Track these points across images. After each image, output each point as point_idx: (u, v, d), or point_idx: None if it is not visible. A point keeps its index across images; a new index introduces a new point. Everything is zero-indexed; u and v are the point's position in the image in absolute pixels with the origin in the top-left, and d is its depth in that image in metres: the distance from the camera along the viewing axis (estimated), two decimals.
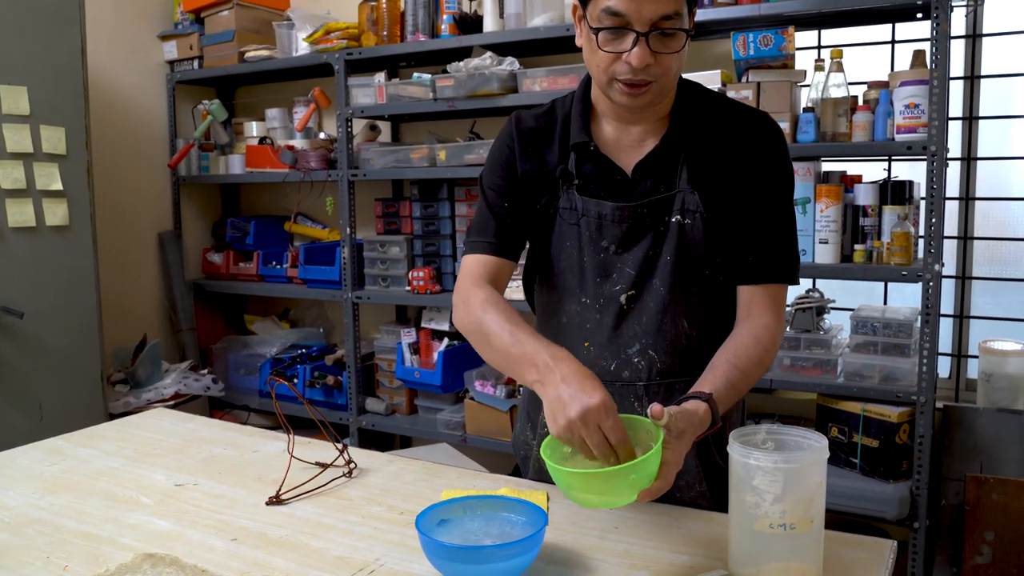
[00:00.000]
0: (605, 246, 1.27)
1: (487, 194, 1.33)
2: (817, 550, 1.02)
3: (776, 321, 1.24)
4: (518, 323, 1.15)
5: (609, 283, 1.27)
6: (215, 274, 3.61)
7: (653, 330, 1.26)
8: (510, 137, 1.32)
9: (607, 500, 1.00)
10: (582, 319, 1.30)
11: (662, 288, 1.25)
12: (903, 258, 2.18)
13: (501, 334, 1.14)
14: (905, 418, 2.20)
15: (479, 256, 1.30)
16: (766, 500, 0.99)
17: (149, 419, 1.81)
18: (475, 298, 1.22)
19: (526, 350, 1.09)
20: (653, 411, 0.99)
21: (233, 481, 1.41)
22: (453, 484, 1.38)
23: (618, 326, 1.28)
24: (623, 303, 1.27)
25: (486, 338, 1.17)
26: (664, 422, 1.00)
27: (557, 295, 1.33)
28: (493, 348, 1.16)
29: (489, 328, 1.16)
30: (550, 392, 1.02)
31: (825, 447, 1.03)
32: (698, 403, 1.07)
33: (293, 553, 1.13)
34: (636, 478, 0.96)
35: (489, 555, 1.00)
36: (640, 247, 1.25)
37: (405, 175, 2.99)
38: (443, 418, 2.96)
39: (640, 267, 1.25)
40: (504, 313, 1.17)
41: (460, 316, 1.25)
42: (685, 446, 1.02)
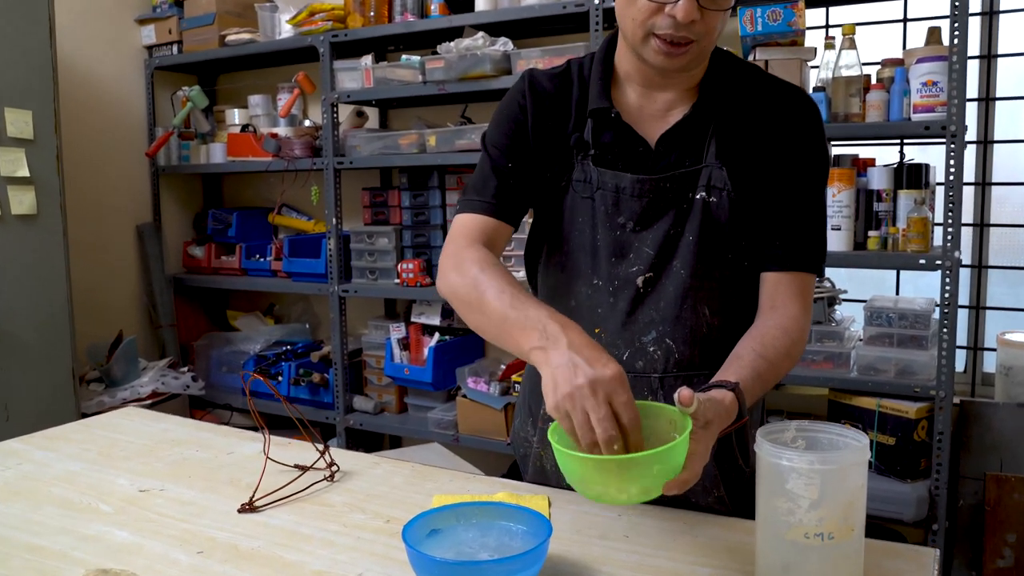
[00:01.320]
0: (622, 223, 1.16)
1: (490, 151, 1.21)
2: (857, 562, 0.91)
3: (803, 312, 1.13)
4: (519, 288, 1.02)
5: (625, 264, 1.16)
6: (196, 268, 3.48)
7: (671, 317, 1.15)
8: (522, 95, 1.20)
9: (626, 494, 0.86)
10: (593, 303, 1.19)
11: (683, 271, 1.14)
12: (920, 245, 2.07)
13: (500, 296, 1.00)
14: (923, 414, 2.09)
15: (475, 215, 1.17)
16: (801, 506, 0.88)
17: (117, 419, 1.68)
18: (470, 257, 1.09)
19: (528, 314, 0.95)
20: (682, 395, 0.87)
21: (203, 486, 1.29)
22: (445, 488, 1.26)
23: (633, 311, 1.16)
24: (639, 286, 1.16)
25: (480, 300, 1.03)
26: (693, 409, 0.88)
27: (566, 276, 1.22)
28: (487, 313, 1.02)
29: (485, 289, 1.03)
30: (554, 358, 0.89)
31: (866, 446, 0.91)
32: (724, 392, 0.96)
33: (265, 568, 1.01)
34: (661, 469, 0.84)
35: (486, 571, 0.88)
36: (660, 225, 1.15)
37: (393, 162, 2.87)
38: (434, 417, 2.84)
39: (660, 247, 1.15)
40: (505, 276, 1.04)
41: (450, 278, 1.11)
42: (712, 437, 0.91)
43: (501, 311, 0.99)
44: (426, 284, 2.84)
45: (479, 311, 1.04)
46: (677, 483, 0.86)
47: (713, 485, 1.17)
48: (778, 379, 1.08)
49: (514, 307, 0.98)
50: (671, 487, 0.85)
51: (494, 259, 1.09)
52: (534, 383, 1.31)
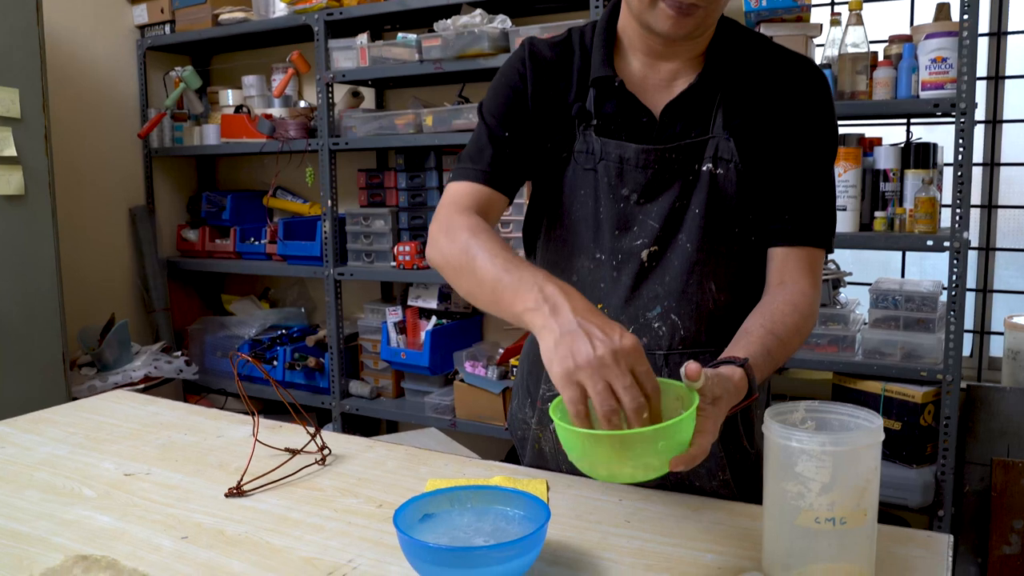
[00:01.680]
0: (625, 195, 1.12)
1: (487, 120, 1.16)
2: (869, 548, 0.87)
3: (813, 288, 1.09)
4: (513, 253, 0.97)
5: (628, 237, 1.12)
6: (190, 251, 3.43)
7: (677, 292, 1.11)
8: (521, 63, 1.16)
9: (630, 471, 0.82)
10: (595, 278, 1.15)
11: (689, 245, 1.10)
12: (928, 225, 2.02)
13: (493, 260, 0.95)
14: (930, 398, 2.05)
15: (468, 184, 1.13)
16: (811, 490, 0.83)
17: (105, 402, 1.64)
18: (460, 223, 1.05)
19: (523, 276, 0.90)
20: (688, 369, 0.83)
21: (191, 470, 1.25)
22: (440, 472, 1.22)
23: (637, 286, 1.12)
24: (644, 260, 1.12)
25: (471, 265, 0.98)
26: (700, 384, 0.84)
27: (567, 251, 1.17)
28: (479, 277, 0.97)
29: (476, 253, 0.98)
30: (559, 324, 0.83)
31: (880, 427, 0.87)
32: (733, 368, 0.92)
33: (252, 554, 0.97)
34: (667, 444, 0.80)
35: (481, 557, 0.84)
36: (665, 198, 1.11)
37: (389, 143, 2.81)
38: (431, 401, 2.80)
39: (665, 220, 1.11)
40: (497, 241, 1.00)
41: (440, 244, 1.06)
42: (720, 415, 0.87)
43: (494, 275, 0.94)
44: (423, 267, 2.80)
45: (470, 276, 0.99)
46: (684, 459, 0.81)
47: (718, 468, 1.13)
48: (788, 356, 1.04)
49: (507, 270, 0.93)
50: (677, 463, 0.81)
51: (485, 224, 1.05)
52: (532, 363, 1.27)
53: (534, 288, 0.88)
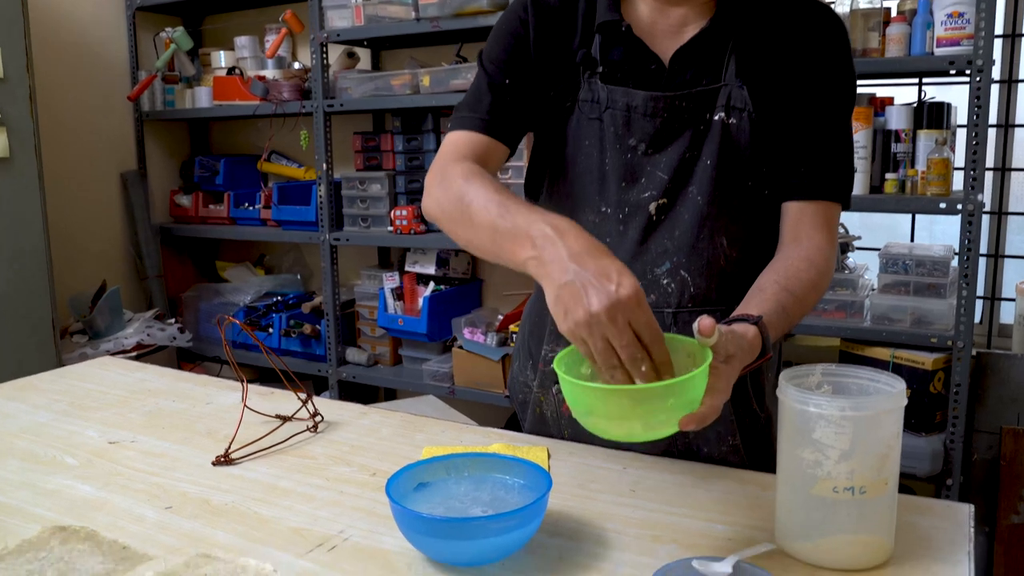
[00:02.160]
0: (633, 145, 1.06)
1: (486, 67, 1.11)
2: (890, 519, 0.82)
3: (829, 244, 1.04)
4: (509, 195, 0.92)
5: (636, 189, 1.07)
6: (184, 217, 3.37)
7: (687, 247, 1.06)
8: (523, 8, 1.10)
9: (638, 429, 0.78)
10: (601, 232, 1.09)
11: (699, 198, 1.05)
12: (941, 188, 1.96)
13: (487, 205, 0.90)
14: (940, 365, 2.00)
15: (467, 132, 1.07)
16: (830, 457, 0.79)
17: (92, 368, 1.59)
18: (456, 170, 0.99)
19: (518, 221, 0.85)
20: (702, 324, 0.78)
21: (178, 437, 1.20)
22: (436, 440, 1.18)
23: (645, 240, 1.07)
24: (652, 213, 1.07)
25: (467, 212, 0.93)
26: (714, 340, 0.79)
27: (570, 204, 1.12)
28: (476, 224, 0.91)
29: (472, 199, 0.92)
30: (555, 273, 0.79)
31: (902, 391, 0.82)
32: (746, 326, 0.87)
33: (239, 524, 0.93)
34: (677, 402, 0.76)
35: (479, 528, 0.79)
36: (675, 148, 1.05)
37: (386, 104, 2.74)
38: (429, 369, 2.76)
39: (674, 171, 1.05)
40: (493, 185, 0.94)
41: (435, 193, 1.01)
42: (733, 373, 0.82)
43: (490, 222, 0.89)
44: (420, 231, 2.74)
45: (467, 225, 0.94)
46: (694, 419, 0.77)
47: (728, 432, 1.08)
48: (803, 315, 0.99)
49: (502, 215, 0.87)
50: (688, 423, 0.77)
51: (481, 170, 0.99)
52: (534, 323, 1.22)
53: (529, 233, 0.83)
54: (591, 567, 0.82)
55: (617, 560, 0.83)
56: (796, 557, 0.82)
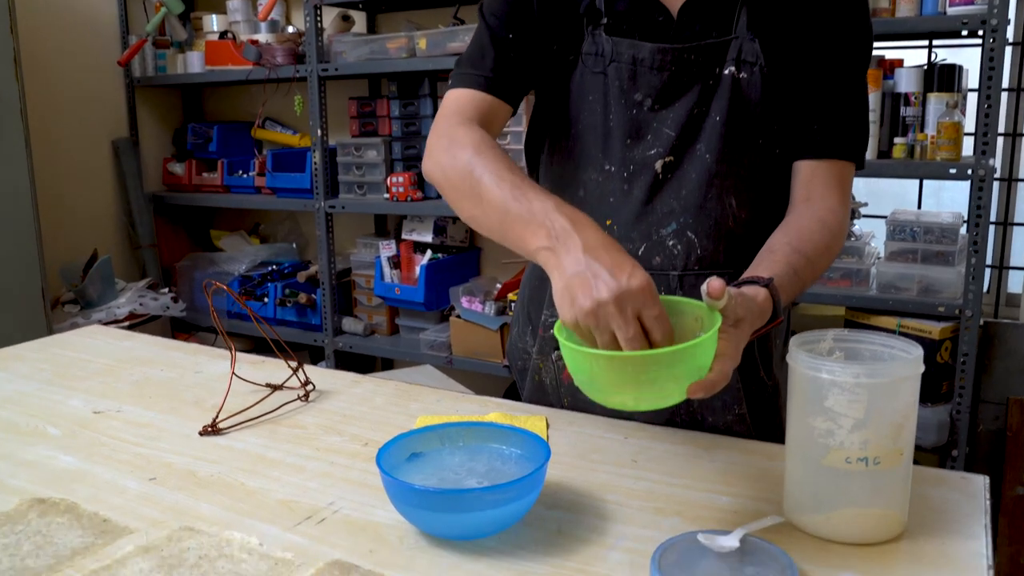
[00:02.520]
0: (639, 100, 1.02)
1: (488, 20, 1.05)
2: (904, 491, 0.79)
3: (842, 206, 1.00)
4: (521, 175, 0.88)
5: (642, 146, 1.02)
6: (177, 186, 3.31)
7: (694, 207, 1.01)
8: None
9: (643, 398, 0.73)
10: (604, 191, 1.05)
11: (708, 155, 1.00)
12: (951, 152, 1.91)
13: (499, 184, 0.86)
14: (947, 334, 1.96)
15: (469, 91, 1.02)
16: (843, 427, 0.75)
17: (79, 337, 1.55)
18: (463, 138, 0.94)
19: (533, 207, 0.81)
20: (711, 286, 0.74)
21: (164, 407, 1.17)
22: (431, 409, 1.14)
23: (650, 200, 1.03)
24: (658, 171, 1.02)
25: (476, 188, 0.88)
26: (723, 303, 0.75)
27: (573, 163, 1.07)
28: (485, 202, 0.87)
29: (481, 175, 0.88)
30: (568, 264, 0.76)
31: (919, 357, 0.78)
32: (757, 289, 0.83)
33: (224, 496, 0.89)
34: (685, 369, 0.72)
35: (474, 500, 0.76)
36: (683, 103, 1.00)
37: (381, 68, 2.67)
38: (427, 338, 2.72)
39: (682, 128, 1.01)
40: (504, 160, 0.90)
41: (440, 159, 0.96)
42: (743, 338, 0.78)
43: (501, 202, 0.85)
44: (417, 198, 2.68)
45: (475, 201, 0.89)
46: (703, 386, 0.73)
47: (734, 400, 1.04)
48: (816, 278, 0.95)
49: (516, 198, 0.83)
50: (696, 390, 0.72)
51: (491, 140, 0.95)
52: (534, 288, 1.18)
53: (545, 221, 0.79)
54: (591, 541, 0.79)
55: (618, 533, 0.80)
56: (805, 530, 0.79)
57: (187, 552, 0.78)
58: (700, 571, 0.71)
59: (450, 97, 1.03)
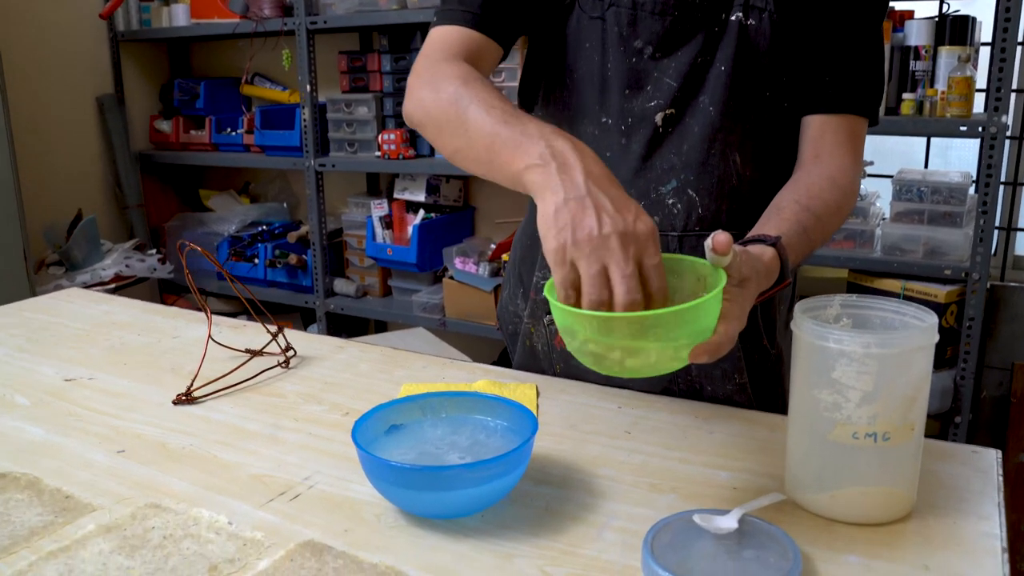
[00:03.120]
0: (638, 48, 0.95)
1: None
2: (914, 469, 0.74)
3: (854, 164, 0.94)
4: (513, 105, 0.81)
5: (641, 97, 0.96)
6: (164, 144, 3.23)
7: (696, 163, 0.95)
8: None
9: (641, 363, 0.67)
10: (600, 146, 0.98)
11: (711, 108, 0.94)
12: (962, 109, 1.84)
13: (489, 111, 0.78)
14: (954, 298, 1.91)
15: (456, 28, 0.94)
16: (850, 399, 0.70)
17: (55, 301, 1.50)
18: (448, 71, 0.86)
19: (527, 129, 0.73)
20: (716, 240, 0.67)
21: (140, 375, 1.12)
22: (417, 376, 1.09)
23: (649, 155, 0.96)
24: (658, 125, 0.95)
25: (461, 117, 0.80)
26: (728, 260, 0.69)
27: (568, 114, 1.01)
28: (470, 132, 0.79)
29: (468, 104, 0.80)
30: (564, 185, 0.67)
31: (934, 326, 0.73)
32: (763, 248, 0.77)
33: (195, 470, 0.85)
34: (687, 331, 0.66)
35: (455, 478, 0.71)
36: (686, 52, 0.93)
37: (372, 21, 2.58)
38: (419, 300, 2.67)
39: (684, 78, 0.94)
40: (494, 91, 0.82)
41: (422, 96, 0.88)
42: (748, 299, 0.72)
43: (490, 128, 0.77)
44: (410, 156, 2.61)
45: (459, 131, 0.81)
46: (707, 349, 0.67)
47: (734, 369, 0.99)
48: (825, 239, 0.90)
49: (507, 123, 0.75)
50: (699, 354, 0.67)
51: (478, 74, 0.87)
52: (526, 247, 1.12)
53: (540, 142, 0.71)
54: (581, 519, 0.74)
55: (610, 512, 0.75)
56: (808, 509, 0.74)
57: (151, 532, 0.74)
58: (695, 554, 0.66)
59: (434, 35, 0.95)
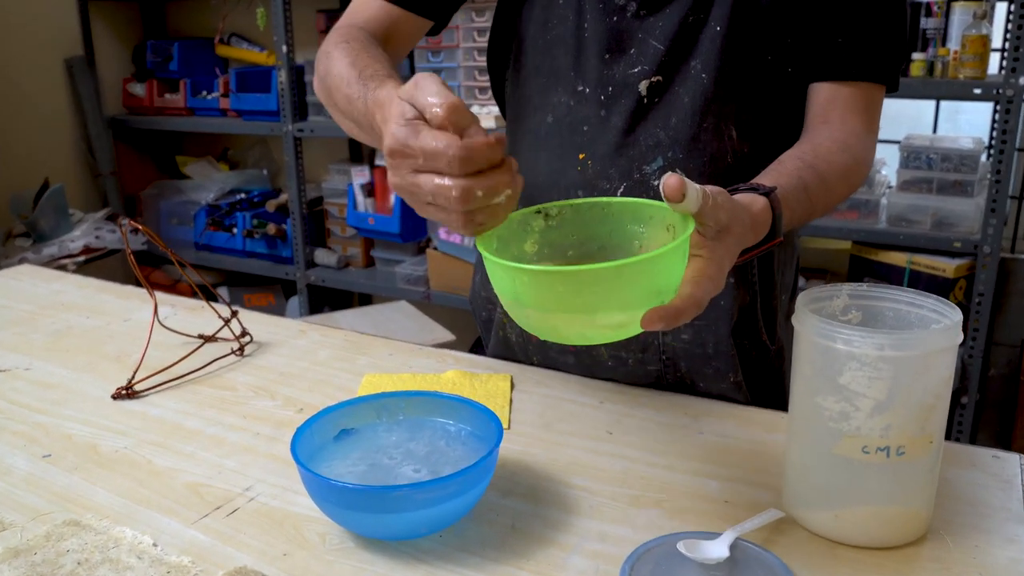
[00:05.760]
0: (620, 5, 0.84)
1: None
2: (931, 485, 0.65)
3: (867, 131, 0.83)
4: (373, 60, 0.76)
5: (623, 62, 0.84)
6: (138, 108, 3.10)
7: (685, 138, 0.83)
8: None
9: (583, 327, 0.56)
10: (576, 118, 0.87)
11: (704, 75, 0.82)
12: (976, 70, 1.72)
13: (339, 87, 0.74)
14: (963, 272, 1.81)
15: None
16: (860, 409, 0.61)
17: (3, 279, 1.40)
18: (327, 47, 0.82)
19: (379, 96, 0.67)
20: (666, 184, 0.55)
21: (80, 363, 1.02)
22: (381, 365, 1.00)
23: (632, 129, 0.85)
24: (642, 94, 0.84)
25: (332, 100, 0.79)
26: (688, 204, 0.56)
27: (539, 83, 0.90)
28: (340, 111, 0.76)
29: (330, 83, 0.77)
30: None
31: (959, 323, 0.63)
32: (753, 196, 0.66)
33: (125, 479, 0.76)
34: (635, 293, 0.54)
35: (404, 500, 0.62)
36: (675, 8, 0.82)
37: None
38: (403, 271, 2.57)
39: (672, 40, 0.82)
40: (353, 56, 0.78)
41: (315, 79, 0.87)
42: (726, 255, 0.60)
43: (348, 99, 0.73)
44: None
45: (336, 111, 0.79)
46: (664, 314, 0.54)
47: (728, 368, 0.88)
48: (829, 206, 0.80)
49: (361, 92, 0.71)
50: (653, 320, 0.54)
51: (361, 34, 0.83)
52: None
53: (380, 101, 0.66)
54: (550, 540, 0.65)
55: (584, 531, 0.66)
56: (809, 529, 0.66)
57: (64, 556, 0.65)
58: None
59: (350, 8, 0.91)
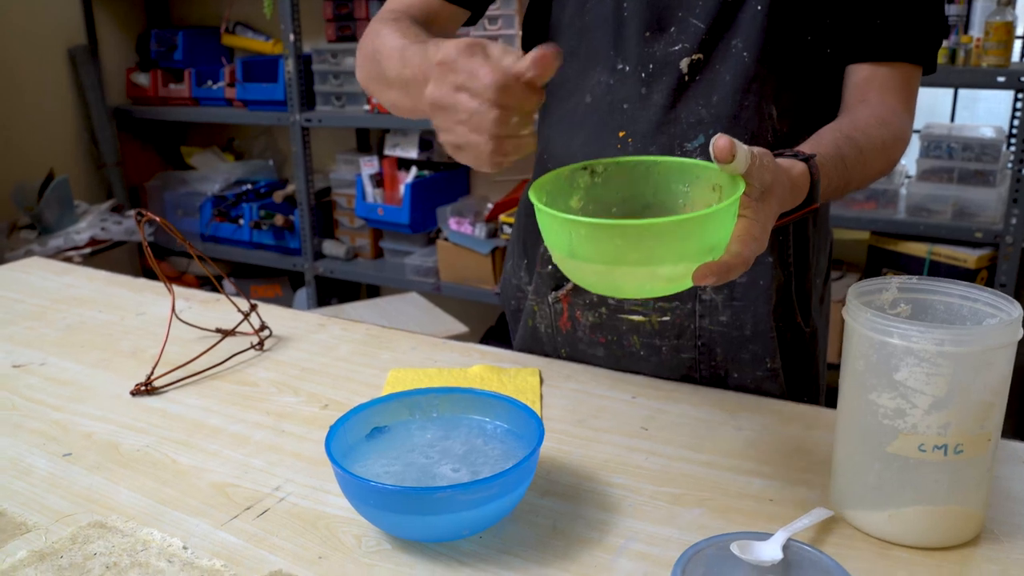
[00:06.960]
0: None
1: None
2: (987, 484, 0.63)
3: (905, 109, 0.83)
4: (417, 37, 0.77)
5: (663, 41, 0.83)
6: (142, 98, 3.07)
7: (726, 116, 0.83)
8: None
9: (637, 280, 0.59)
10: (616, 96, 0.86)
11: (745, 54, 0.81)
12: (1000, 57, 1.70)
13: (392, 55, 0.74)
14: (985, 263, 1.79)
15: None
16: (917, 406, 0.59)
17: (12, 272, 1.38)
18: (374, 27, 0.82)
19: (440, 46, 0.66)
20: (716, 145, 0.57)
21: (95, 359, 1.00)
22: (405, 360, 0.98)
23: (673, 106, 0.84)
24: (684, 72, 0.83)
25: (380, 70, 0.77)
26: (739, 166, 0.58)
27: (578, 64, 0.89)
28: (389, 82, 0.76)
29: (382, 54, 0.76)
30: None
31: (1018, 318, 0.61)
32: (793, 161, 0.68)
33: (149, 478, 0.74)
34: (690, 247, 0.57)
35: (447, 501, 0.59)
36: None
37: None
38: (412, 263, 2.55)
39: (714, 19, 0.81)
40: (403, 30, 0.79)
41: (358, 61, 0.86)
42: (769, 215, 0.62)
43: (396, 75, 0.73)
44: None
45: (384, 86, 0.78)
46: (715, 269, 0.58)
47: (766, 352, 0.87)
48: (867, 178, 0.80)
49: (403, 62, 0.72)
50: (705, 275, 0.58)
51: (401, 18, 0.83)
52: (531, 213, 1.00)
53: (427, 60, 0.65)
54: (595, 542, 0.63)
55: (628, 532, 0.64)
56: (860, 529, 0.64)
57: (92, 559, 0.63)
58: None
59: None
